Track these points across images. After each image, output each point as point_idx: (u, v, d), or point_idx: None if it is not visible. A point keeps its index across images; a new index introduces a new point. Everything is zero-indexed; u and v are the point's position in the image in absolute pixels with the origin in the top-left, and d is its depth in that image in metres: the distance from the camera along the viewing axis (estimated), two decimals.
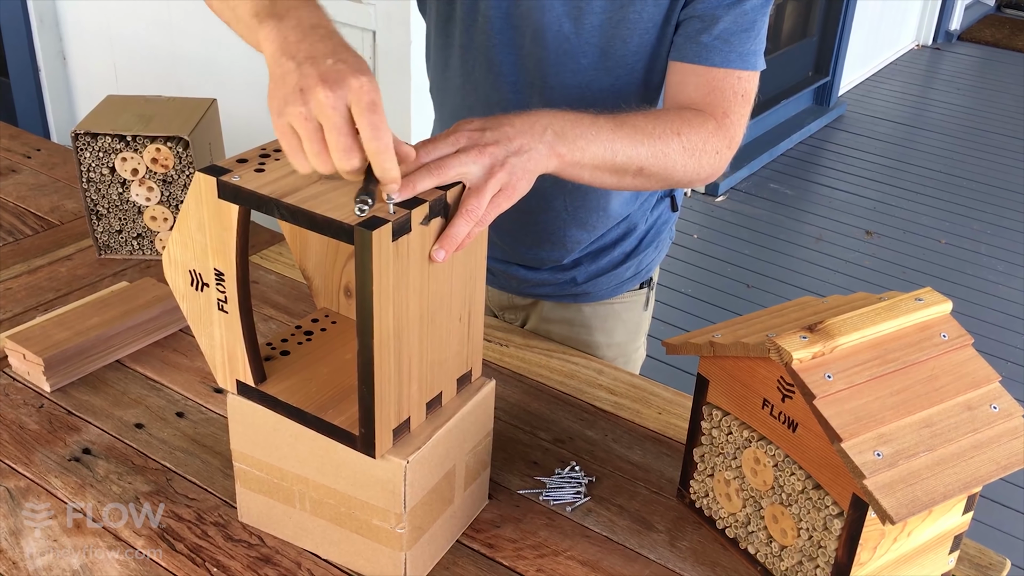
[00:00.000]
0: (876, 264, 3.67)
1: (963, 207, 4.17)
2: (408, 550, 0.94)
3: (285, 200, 0.82)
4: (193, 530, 1.02)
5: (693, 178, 1.05)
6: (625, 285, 1.38)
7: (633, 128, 0.98)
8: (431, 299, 0.88)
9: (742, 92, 1.06)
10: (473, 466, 1.01)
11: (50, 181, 1.73)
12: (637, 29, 1.09)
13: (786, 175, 4.38)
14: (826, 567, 0.91)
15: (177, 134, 1.42)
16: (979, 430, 0.88)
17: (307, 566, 0.98)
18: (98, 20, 3.12)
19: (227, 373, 0.95)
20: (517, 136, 0.89)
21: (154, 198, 1.48)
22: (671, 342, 1.04)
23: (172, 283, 0.94)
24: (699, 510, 1.06)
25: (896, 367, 0.89)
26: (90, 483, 1.07)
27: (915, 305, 0.92)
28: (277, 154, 0.90)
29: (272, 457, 0.97)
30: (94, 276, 1.46)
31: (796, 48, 4.90)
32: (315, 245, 1.05)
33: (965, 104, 5.38)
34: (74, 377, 1.23)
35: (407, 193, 0.83)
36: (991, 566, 1.03)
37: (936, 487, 0.84)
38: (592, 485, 1.10)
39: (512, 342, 1.34)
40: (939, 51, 6.30)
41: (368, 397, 0.85)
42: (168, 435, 1.15)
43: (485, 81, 1.17)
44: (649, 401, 1.25)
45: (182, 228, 0.90)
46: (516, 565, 1.00)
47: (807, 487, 0.91)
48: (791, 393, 0.90)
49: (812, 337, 0.87)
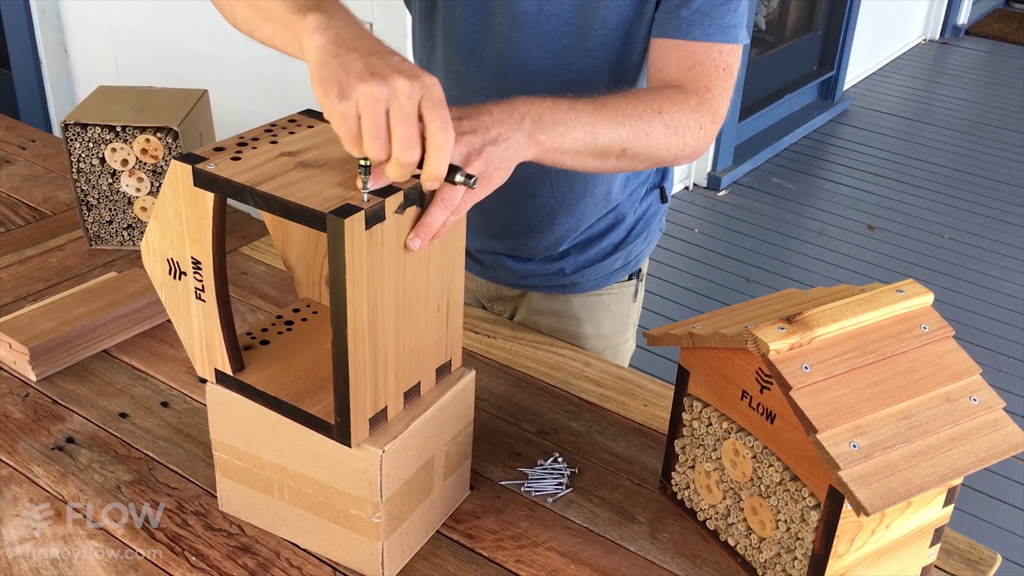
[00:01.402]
0: (878, 259, 3.66)
1: (967, 202, 4.15)
2: (385, 540, 0.94)
3: (259, 188, 0.82)
4: (173, 519, 1.02)
5: (678, 155, 1.04)
6: (614, 276, 1.38)
7: (613, 110, 0.97)
8: (407, 288, 0.88)
9: (723, 66, 1.05)
10: (453, 456, 1.01)
11: (44, 172, 1.74)
12: (615, 7, 1.09)
13: (789, 169, 4.36)
14: (804, 559, 0.90)
15: (167, 124, 1.42)
16: (958, 422, 0.88)
17: (286, 555, 0.98)
18: (99, 13, 3.12)
19: (205, 362, 0.95)
20: (494, 125, 0.89)
21: (144, 188, 1.48)
22: (652, 333, 1.04)
23: (151, 271, 0.94)
24: (680, 502, 1.06)
25: (875, 359, 0.88)
26: (72, 472, 1.07)
27: (896, 297, 0.92)
28: (255, 143, 0.90)
29: (251, 446, 0.97)
30: (84, 267, 1.47)
31: (801, 42, 4.88)
32: (297, 235, 1.05)
33: (972, 99, 5.35)
34: (60, 367, 1.23)
35: (382, 182, 0.83)
36: (982, 560, 1.03)
37: (913, 479, 0.83)
38: (575, 477, 1.10)
39: (499, 334, 1.34)
40: (946, 45, 6.27)
41: (343, 386, 0.85)
42: (152, 425, 1.15)
43: (467, 69, 1.17)
44: (635, 393, 1.24)
45: (159, 216, 0.90)
46: (495, 556, 0.99)
47: (785, 479, 0.90)
48: (769, 384, 0.90)
49: (790, 328, 0.87)
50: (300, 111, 0.96)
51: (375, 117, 0.76)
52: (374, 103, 0.75)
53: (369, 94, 0.75)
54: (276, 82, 2.79)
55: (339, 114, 0.77)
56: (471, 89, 1.18)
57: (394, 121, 0.76)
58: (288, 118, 0.95)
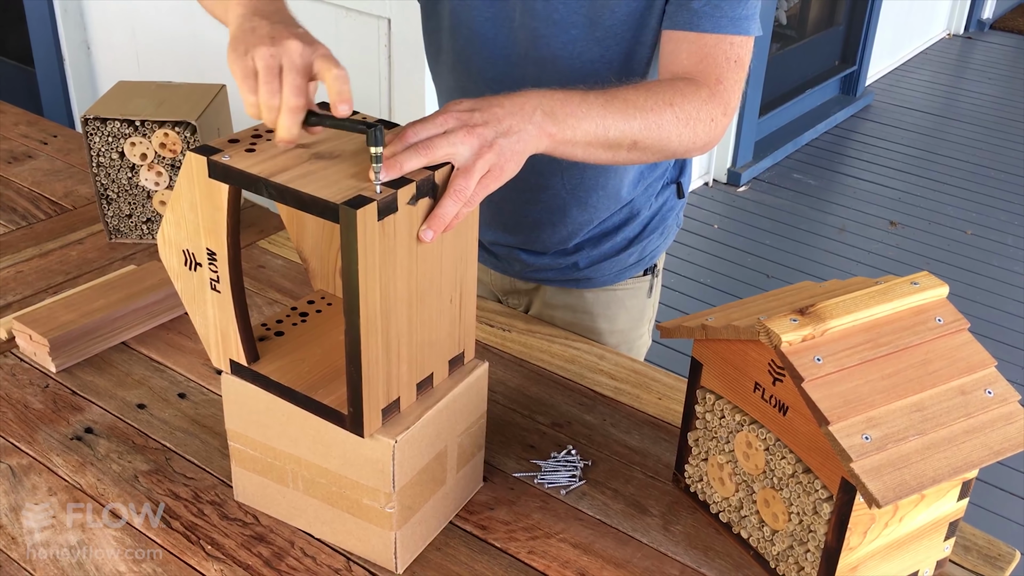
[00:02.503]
0: (900, 255, 3.63)
1: (991, 198, 4.11)
2: (398, 530, 0.94)
3: (273, 179, 0.82)
4: (189, 508, 1.03)
5: (690, 147, 1.04)
6: (628, 271, 1.38)
7: (624, 102, 0.97)
8: (420, 279, 0.88)
9: (735, 58, 1.05)
10: (466, 448, 1.02)
11: (65, 167, 1.75)
12: None
13: (810, 165, 4.34)
14: (816, 551, 0.90)
15: (185, 119, 1.44)
16: (973, 415, 0.87)
17: (300, 545, 0.99)
18: (121, 10, 3.15)
19: (220, 352, 0.96)
20: (506, 117, 0.89)
21: (163, 183, 1.49)
22: (665, 325, 1.04)
23: (167, 263, 0.95)
24: (694, 495, 1.05)
25: (888, 351, 0.88)
26: (91, 462, 1.09)
27: (910, 289, 0.91)
28: (269, 135, 0.90)
29: (265, 436, 0.98)
30: (104, 260, 1.48)
31: (822, 37, 4.84)
32: (311, 227, 1.05)
33: (996, 94, 5.29)
34: (79, 358, 1.24)
35: (394, 173, 0.83)
36: (1000, 557, 1.02)
37: (926, 471, 0.83)
38: (588, 469, 1.10)
39: (514, 327, 1.35)
40: (971, 40, 6.20)
41: (356, 376, 0.86)
42: (169, 415, 1.16)
43: (477, 59, 1.18)
44: (649, 387, 1.24)
45: (175, 208, 0.91)
46: (508, 547, 1.00)
47: (797, 471, 0.90)
48: (782, 376, 0.90)
49: (803, 320, 0.87)
50: (315, 104, 0.97)
51: (269, 68, 0.85)
52: (269, 57, 0.85)
53: (265, 52, 0.86)
54: None
55: (240, 69, 0.86)
56: (481, 79, 1.18)
57: (285, 73, 0.85)
58: None
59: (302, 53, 0.85)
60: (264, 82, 0.85)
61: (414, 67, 2.39)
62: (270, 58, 0.85)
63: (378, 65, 2.46)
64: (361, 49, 2.46)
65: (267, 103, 0.85)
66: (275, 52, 0.85)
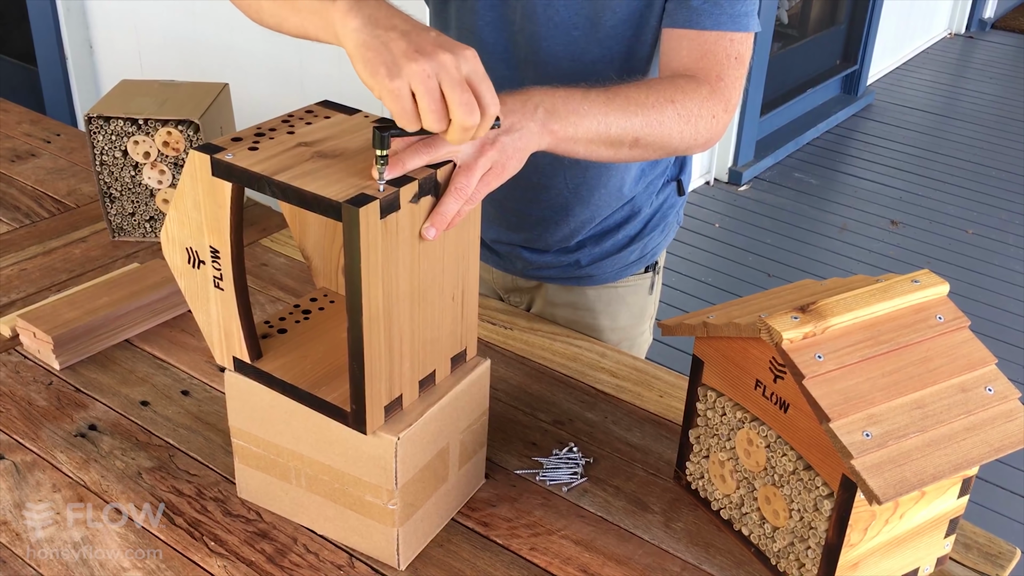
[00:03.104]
0: (901, 254, 3.63)
1: (992, 197, 4.11)
2: (401, 526, 0.95)
3: (276, 177, 0.83)
4: (193, 505, 1.04)
5: (691, 144, 1.04)
6: (630, 268, 1.38)
7: (626, 99, 0.98)
8: (422, 277, 0.89)
9: (735, 54, 1.05)
10: (468, 445, 1.02)
11: (68, 165, 1.76)
12: None
13: (811, 164, 4.34)
14: (817, 548, 0.90)
15: (188, 117, 1.44)
16: (973, 412, 0.88)
17: (303, 541, 1.00)
18: (123, 9, 3.16)
19: (224, 350, 0.96)
20: (508, 114, 0.89)
21: (166, 181, 1.49)
22: (667, 323, 1.04)
23: (170, 260, 0.95)
24: (695, 492, 1.06)
25: (889, 348, 0.88)
26: (94, 458, 1.09)
27: (911, 287, 0.92)
28: (272, 133, 0.91)
29: (268, 433, 0.98)
30: (107, 258, 1.49)
31: (824, 36, 4.85)
32: (314, 225, 1.06)
33: (998, 93, 5.29)
34: (83, 355, 1.25)
35: (397, 171, 0.83)
36: (1001, 555, 1.02)
37: (926, 468, 0.83)
38: (590, 466, 1.11)
39: (516, 325, 1.35)
40: (972, 39, 6.20)
41: (359, 374, 0.86)
42: (173, 413, 1.17)
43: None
44: (651, 384, 1.25)
45: (179, 206, 0.91)
46: (510, 544, 1.00)
47: (798, 468, 0.90)
48: (782, 373, 0.90)
49: (804, 317, 0.87)
50: (317, 102, 0.97)
51: (431, 91, 0.78)
52: (426, 78, 0.78)
53: (420, 71, 0.78)
54: (296, 75, 2.81)
55: (391, 93, 0.79)
56: None
57: (449, 91, 0.79)
58: (305, 109, 0.96)
59: (458, 65, 0.79)
60: (430, 111, 0.79)
61: None
62: (427, 79, 0.78)
63: None
64: None
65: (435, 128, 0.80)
66: (429, 71, 0.78)
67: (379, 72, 0.78)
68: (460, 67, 0.79)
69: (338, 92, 1.44)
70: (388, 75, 0.78)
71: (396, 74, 0.78)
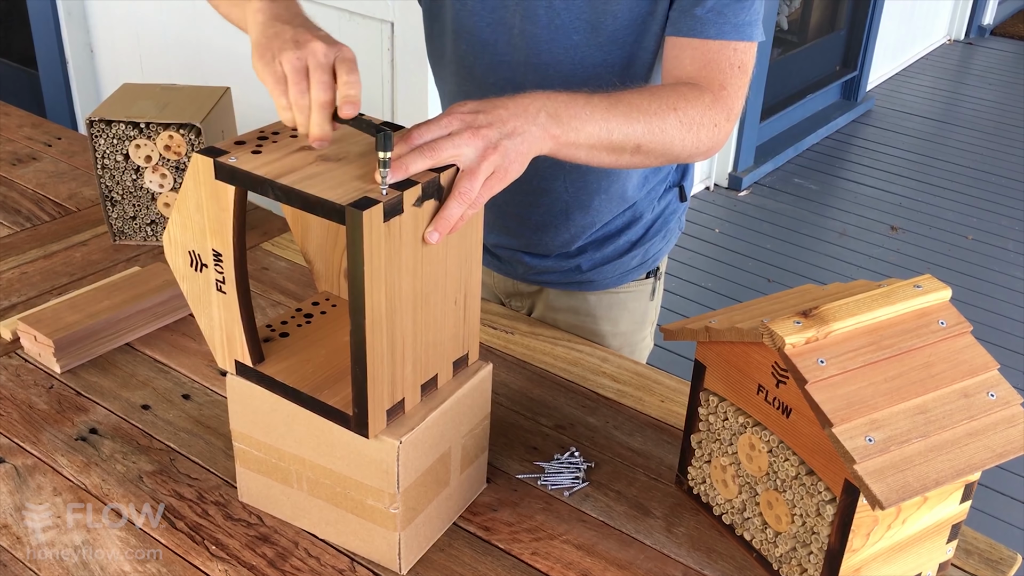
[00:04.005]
0: (900, 260, 3.63)
1: (991, 203, 4.11)
2: (402, 531, 0.95)
3: (279, 181, 0.83)
4: (194, 509, 1.03)
5: (693, 152, 1.04)
6: (631, 274, 1.38)
7: (628, 106, 0.98)
8: (425, 281, 0.89)
9: (738, 64, 1.06)
10: (470, 449, 1.02)
11: (69, 169, 1.76)
12: (627, 4, 1.09)
13: (811, 170, 4.34)
14: (819, 553, 0.90)
15: (190, 121, 1.44)
16: (975, 417, 0.88)
17: (304, 545, 0.99)
18: (124, 12, 3.16)
19: (226, 353, 0.96)
20: (511, 119, 0.89)
21: (167, 185, 1.49)
22: (669, 328, 1.04)
23: (172, 264, 0.95)
24: (697, 496, 1.06)
25: (891, 353, 0.88)
26: (95, 462, 1.09)
27: (913, 292, 0.92)
28: (275, 136, 0.91)
29: (270, 437, 0.98)
30: (108, 261, 1.49)
31: (824, 42, 4.85)
32: (316, 229, 1.06)
33: (997, 99, 5.30)
34: (84, 359, 1.25)
35: (400, 175, 0.83)
36: (1002, 560, 1.02)
37: (929, 473, 0.83)
38: (591, 471, 1.10)
39: (517, 329, 1.35)
40: (971, 46, 6.21)
41: (361, 377, 0.86)
42: (173, 416, 1.16)
43: (479, 64, 1.18)
44: (652, 389, 1.25)
45: (181, 209, 0.91)
46: (511, 548, 1.00)
47: (800, 473, 0.90)
48: (785, 378, 0.90)
49: (806, 322, 0.87)
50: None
51: (297, 72, 0.88)
52: (296, 60, 0.88)
53: (292, 56, 0.89)
54: None
55: (270, 73, 0.89)
56: (483, 84, 1.19)
57: (312, 72, 0.88)
58: None
59: (326, 53, 0.88)
60: (293, 83, 0.87)
61: (417, 71, 2.39)
62: (296, 60, 0.88)
63: (381, 69, 2.47)
64: (364, 53, 2.47)
65: (297, 103, 0.87)
66: (301, 55, 0.88)
67: (264, 56, 0.90)
68: (328, 54, 0.88)
69: None
70: (270, 59, 0.90)
71: (273, 58, 0.90)
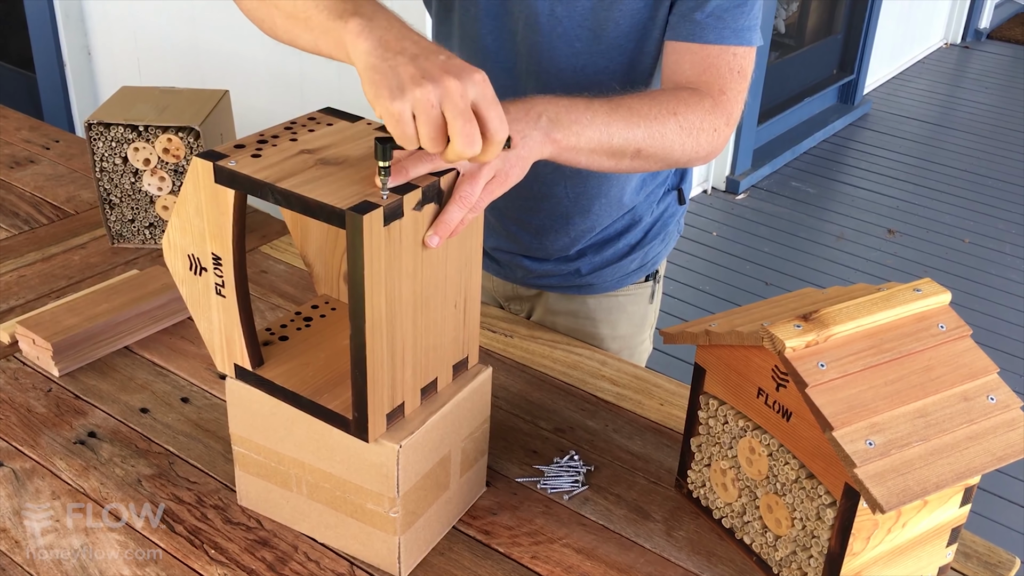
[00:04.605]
0: (898, 263, 3.64)
1: (988, 206, 4.12)
2: (402, 535, 0.95)
3: (279, 185, 0.83)
4: (193, 512, 1.03)
5: (693, 156, 1.05)
6: (630, 277, 1.38)
7: (629, 110, 0.98)
8: (425, 285, 0.89)
9: (738, 68, 1.06)
10: (470, 453, 1.02)
11: (67, 171, 1.76)
12: (628, 11, 1.09)
13: (808, 173, 4.35)
14: (819, 557, 0.90)
15: (188, 124, 1.44)
16: (975, 421, 0.88)
17: (304, 549, 0.99)
18: (122, 15, 3.16)
19: (225, 357, 0.96)
20: (512, 123, 0.89)
21: (166, 188, 1.49)
22: (669, 331, 1.04)
23: (172, 267, 0.95)
24: (696, 500, 1.06)
25: (891, 357, 0.88)
26: (94, 466, 1.09)
27: (913, 296, 0.92)
28: (275, 140, 0.91)
29: (270, 441, 0.98)
30: (107, 264, 1.48)
31: (821, 45, 4.86)
32: (315, 232, 1.06)
33: (993, 103, 5.31)
34: (82, 362, 1.24)
35: (400, 179, 0.83)
36: (1001, 564, 1.02)
37: (929, 477, 0.83)
38: (591, 474, 1.10)
39: (517, 333, 1.35)
40: (968, 49, 6.23)
41: (361, 381, 0.86)
42: (172, 420, 1.16)
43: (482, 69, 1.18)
44: (652, 392, 1.24)
45: (181, 213, 0.91)
46: (511, 552, 1.00)
47: (800, 476, 0.90)
48: (785, 382, 0.90)
49: (806, 326, 0.87)
50: (320, 109, 0.97)
51: (432, 119, 0.78)
52: (429, 107, 0.77)
53: (423, 97, 0.77)
54: (296, 82, 2.81)
55: (393, 116, 0.78)
56: None
57: (451, 119, 0.78)
58: (308, 116, 0.96)
59: (463, 94, 0.78)
60: (428, 137, 0.79)
61: None
62: (430, 107, 0.77)
63: None
64: None
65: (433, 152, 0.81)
66: (432, 98, 0.77)
67: (383, 95, 0.78)
68: (466, 93, 0.78)
69: (338, 99, 1.44)
70: (391, 98, 0.78)
71: (399, 97, 0.77)
